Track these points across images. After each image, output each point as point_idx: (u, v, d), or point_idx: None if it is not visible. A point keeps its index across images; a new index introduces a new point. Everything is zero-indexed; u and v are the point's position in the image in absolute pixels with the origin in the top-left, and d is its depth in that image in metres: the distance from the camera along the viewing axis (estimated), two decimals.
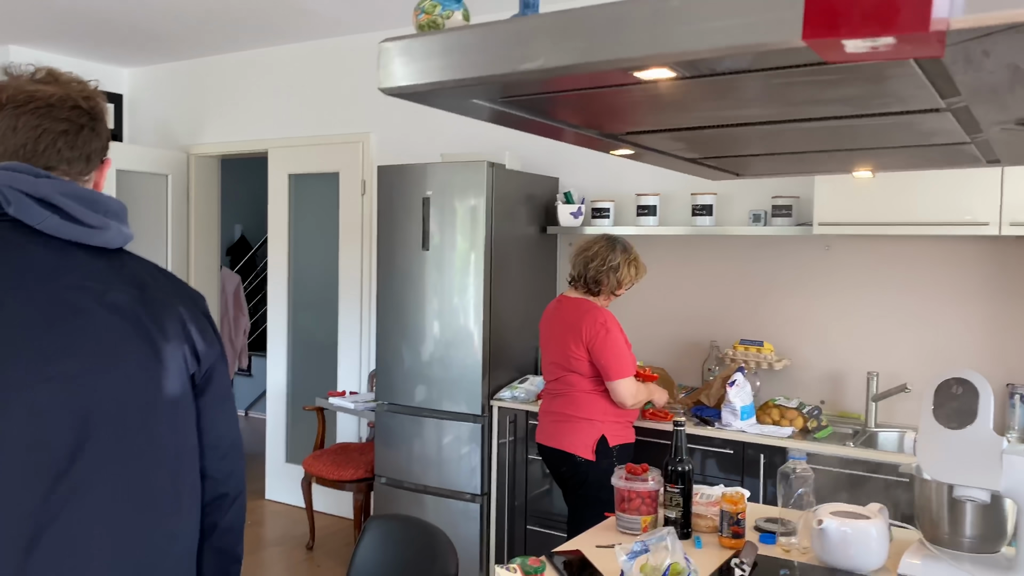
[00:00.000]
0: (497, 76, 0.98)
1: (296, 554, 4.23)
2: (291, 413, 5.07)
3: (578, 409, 2.95)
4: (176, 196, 5.36)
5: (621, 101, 1.16)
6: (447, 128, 4.43)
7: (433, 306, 3.75)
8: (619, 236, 3.05)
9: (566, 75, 0.97)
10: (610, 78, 0.99)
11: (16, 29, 4.71)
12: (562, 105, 1.19)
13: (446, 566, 1.88)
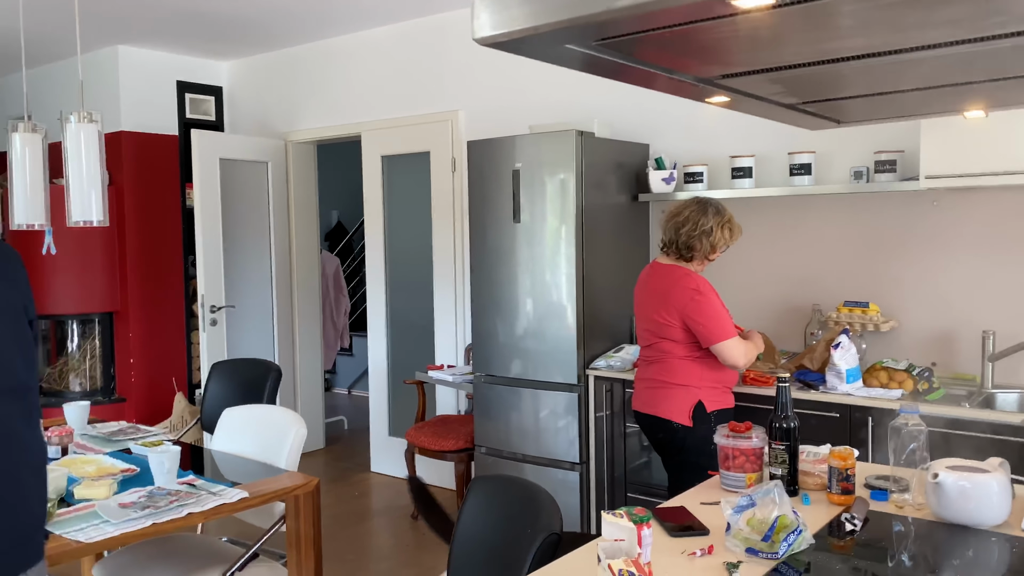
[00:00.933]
0: (591, 15, 0.99)
1: (401, 523, 4.36)
2: (392, 388, 5.21)
3: (673, 375, 2.91)
4: (276, 182, 5.56)
5: (717, 38, 1.14)
6: (534, 100, 4.43)
7: (526, 278, 3.77)
8: (711, 198, 2.98)
9: (661, 8, 0.96)
10: (706, 9, 0.98)
11: (124, 30, 4.97)
12: (656, 46, 1.18)
13: (551, 522, 1.90)
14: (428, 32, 4.84)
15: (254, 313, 5.55)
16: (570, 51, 1.19)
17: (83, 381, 5.42)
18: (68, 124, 2.56)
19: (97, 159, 2.53)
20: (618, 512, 1.44)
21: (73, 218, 2.52)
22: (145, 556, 2.65)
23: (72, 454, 2.82)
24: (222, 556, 2.65)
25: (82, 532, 2.10)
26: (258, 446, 2.87)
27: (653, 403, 2.95)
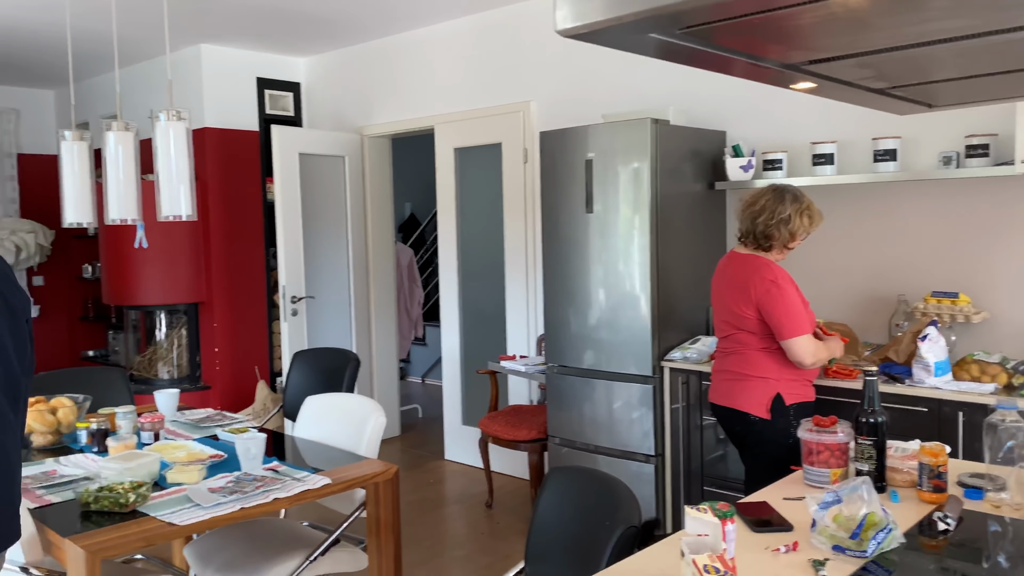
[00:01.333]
0: (678, 3, 0.97)
1: (476, 511, 4.41)
2: (465, 378, 5.27)
3: (751, 367, 2.85)
4: (353, 176, 5.67)
5: (805, 22, 1.11)
6: (607, 89, 4.39)
7: (598, 268, 3.75)
8: (788, 185, 2.90)
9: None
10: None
11: (206, 29, 5.13)
12: (742, 32, 1.15)
13: (630, 515, 1.89)
14: (500, 24, 4.85)
15: (332, 303, 5.68)
16: (653, 40, 1.17)
17: (171, 369, 5.65)
18: (158, 122, 2.66)
19: (185, 155, 2.62)
20: (702, 507, 1.42)
21: (163, 213, 2.62)
22: (232, 539, 2.75)
23: (163, 440, 2.94)
24: (304, 540, 2.73)
25: (175, 515, 2.19)
26: (339, 433, 2.94)
27: (730, 395, 2.90)
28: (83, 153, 3.01)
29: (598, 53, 4.41)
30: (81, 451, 2.85)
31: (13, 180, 6.78)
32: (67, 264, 7.11)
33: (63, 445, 2.93)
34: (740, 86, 3.91)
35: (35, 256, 6.50)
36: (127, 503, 2.21)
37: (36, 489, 2.42)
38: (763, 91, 3.83)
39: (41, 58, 5.74)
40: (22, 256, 6.40)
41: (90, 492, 2.24)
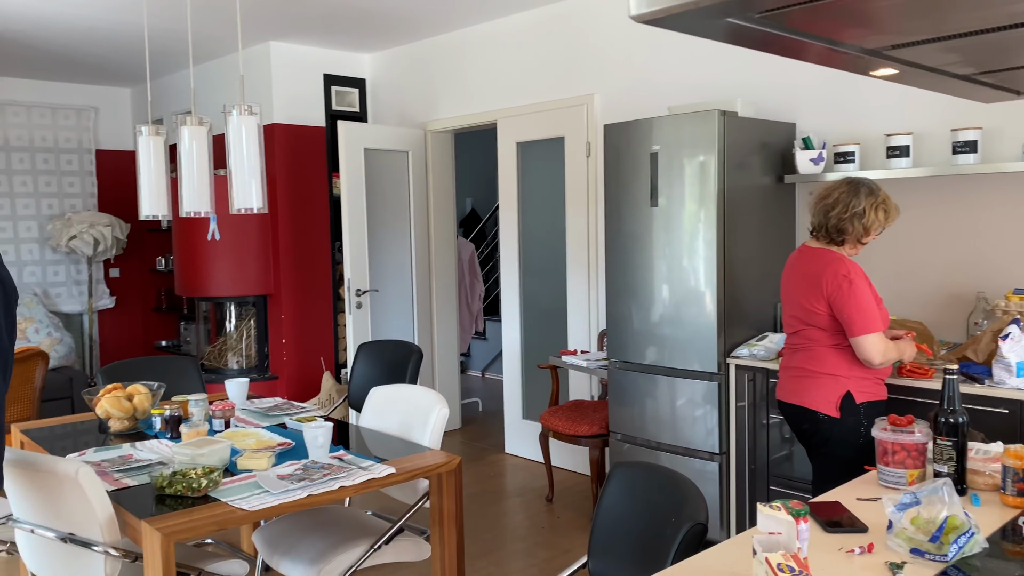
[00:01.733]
0: None
1: (536, 505, 4.41)
2: (525, 372, 5.27)
3: (820, 364, 2.78)
4: (416, 171, 5.72)
5: (891, 4, 1.07)
6: (672, 81, 4.33)
7: (663, 263, 3.71)
8: (863, 178, 2.81)
9: None
10: None
11: (276, 26, 5.23)
12: (823, 16, 1.12)
13: (696, 512, 1.86)
14: (564, 16, 4.83)
15: (395, 297, 5.74)
16: (728, 24, 1.14)
17: (239, 359, 5.79)
18: (230, 117, 2.72)
19: (257, 149, 2.68)
20: (775, 504, 1.39)
21: (235, 206, 2.68)
22: (299, 525, 2.80)
23: (234, 427, 3.02)
24: (368, 529, 2.77)
25: (245, 500, 2.24)
26: (403, 424, 2.97)
27: (798, 392, 2.84)
28: (159, 148, 3.11)
29: (663, 45, 4.35)
30: (155, 437, 2.94)
31: (92, 175, 7.05)
32: (141, 257, 7.35)
33: (138, 431, 3.03)
34: (810, 76, 3.81)
35: (112, 249, 6.74)
36: (199, 488, 2.27)
37: (113, 472, 2.51)
38: (834, 81, 3.73)
39: (118, 57, 5.94)
40: (100, 248, 6.64)
41: (164, 476, 2.31)
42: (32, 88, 6.75)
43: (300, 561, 2.57)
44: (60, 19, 4.89)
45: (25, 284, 6.71)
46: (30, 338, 6.02)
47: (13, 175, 6.66)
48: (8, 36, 5.26)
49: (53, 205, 6.86)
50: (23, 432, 3.05)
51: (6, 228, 6.63)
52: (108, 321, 7.24)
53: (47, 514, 2.26)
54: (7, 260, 6.64)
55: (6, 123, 6.61)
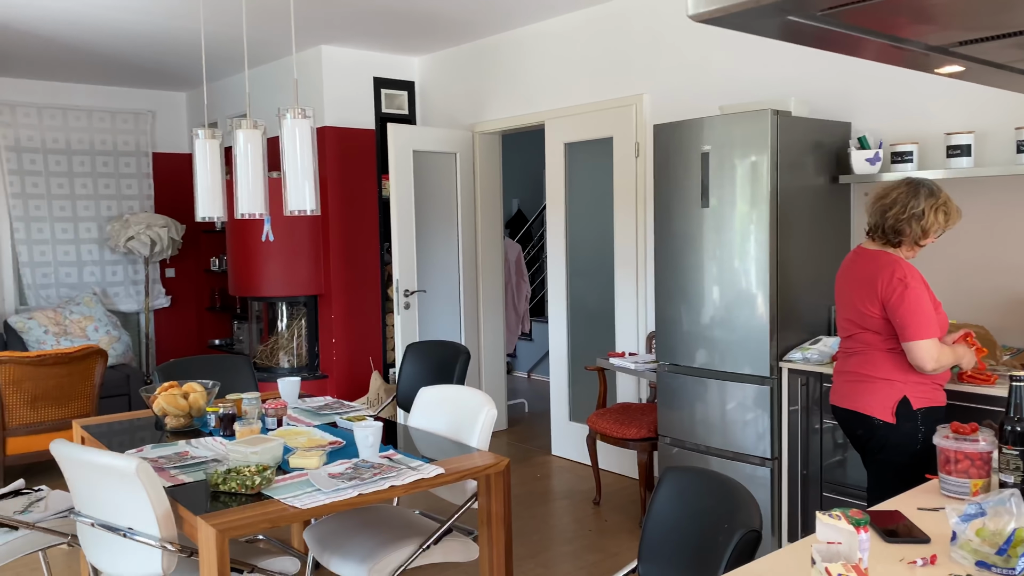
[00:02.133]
0: None
1: (583, 508, 4.39)
2: (572, 374, 5.25)
3: (875, 368, 2.71)
4: (464, 172, 5.75)
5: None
6: (723, 80, 4.28)
7: (713, 264, 3.66)
8: (924, 179, 2.73)
9: None
10: None
11: (327, 31, 5.30)
12: (889, 12, 1.09)
13: (749, 518, 1.83)
14: (613, 17, 4.80)
15: (442, 297, 5.77)
16: (790, 23, 1.12)
17: (291, 358, 5.88)
18: (284, 120, 2.76)
19: (310, 152, 2.71)
20: (835, 513, 1.36)
21: (290, 207, 2.72)
22: (349, 524, 2.83)
23: (286, 425, 3.06)
24: (417, 528, 2.78)
25: (297, 499, 2.27)
26: (450, 424, 2.98)
27: (853, 397, 2.77)
28: (215, 151, 3.17)
29: (714, 44, 4.30)
30: (210, 434, 3.00)
31: (148, 178, 7.23)
32: (196, 257, 7.52)
33: (194, 428, 3.10)
34: (866, 74, 3.72)
35: (168, 249, 6.91)
36: (253, 485, 2.31)
37: (170, 469, 2.57)
38: (892, 78, 3.64)
39: (175, 62, 6.09)
40: (156, 249, 6.81)
41: (219, 474, 2.36)
42: (93, 93, 6.96)
43: (350, 559, 2.59)
44: (119, 25, 5.02)
45: (85, 284, 6.91)
46: (89, 336, 6.20)
47: (75, 178, 6.86)
48: (69, 43, 5.43)
49: (112, 207, 7.05)
50: (83, 428, 3.14)
51: (67, 229, 6.83)
52: (163, 320, 7.41)
53: (107, 508, 2.32)
54: (67, 260, 6.85)
55: (68, 127, 6.81)
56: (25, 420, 4.75)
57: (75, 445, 2.34)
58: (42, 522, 2.81)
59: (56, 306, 6.31)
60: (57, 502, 3.00)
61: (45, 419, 4.80)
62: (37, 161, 6.68)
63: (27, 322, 6.02)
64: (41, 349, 5.89)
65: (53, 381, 4.76)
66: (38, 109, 6.67)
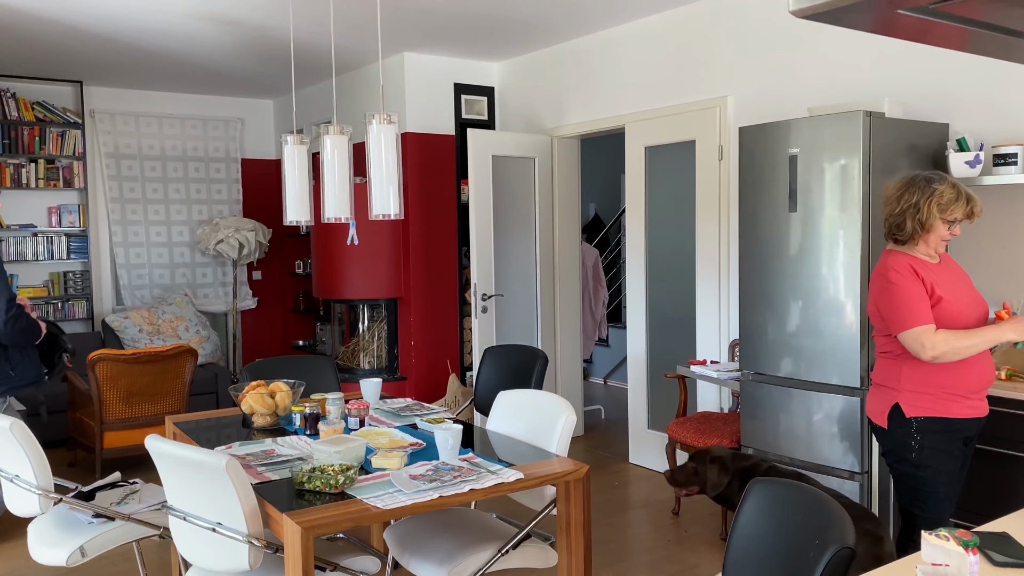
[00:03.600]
0: None
1: (662, 517, 4.31)
2: (651, 381, 5.17)
3: (877, 372, 2.76)
4: (542, 177, 5.74)
5: None
6: (810, 82, 4.15)
7: (801, 271, 3.55)
8: (926, 172, 2.67)
9: None
10: None
11: (410, 38, 5.38)
12: (1009, 3, 1.02)
13: (843, 535, 1.76)
14: (694, 18, 4.72)
15: (520, 302, 5.78)
16: (900, 17, 1.07)
17: (371, 360, 5.98)
18: (370, 126, 2.80)
19: (395, 158, 2.75)
20: (942, 534, 1.29)
21: (375, 211, 2.76)
22: (429, 525, 2.85)
23: (368, 426, 3.11)
24: (495, 532, 2.78)
25: (379, 499, 2.29)
26: (529, 429, 2.97)
27: (868, 401, 2.82)
28: (303, 157, 3.25)
29: (802, 43, 4.18)
30: (295, 433, 3.07)
31: (237, 183, 7.47)
32: (282, 260, 7.74)
33: (279, 426, 3.17)
34: (966, 72, 3.56)
35: (255, 252, 7.13)
36: (336, 484, 2.35)
37: (257, 466, 2.63)
38: (993, 77, 3.47)
39: (264, 71, 6.28)
40: (244, 252, 7.03)
41: (304, 472, 2.40)
42: (185, 102, 7.24)
43: (430, 561, 2.61)
44: (211, 37, 5.21)
45: (176, 285, 7.19)
46: (180, 335, 6.45)
47: (168, 183, 7.15)
48: (164, 53, 5.66)
49: (202, 211, 7.32)
50: (175, 424, 3.26)
51: (161, 232, 7.12)
52: (250, 321, 7.65)
53: (197, 503, 2.40)
54: (160, 262, 7.14)
55: (163, 135, 7.11)
56: (121, 415, 4.96)
57: (168, 441, 2.42)
58: (136, 514, 2.92)
59: (150, 306, 6.58)
60: (150, 495, 3.12)
61: (139, 415, 5.01)
62: (134, 167, 6.99)
63: (123, 321, 6.30)
64: (136, 347, 6.15)
65: (147, 378, 4.96)
66: (135, 117, 6.98)
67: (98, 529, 2.87)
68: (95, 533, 2.85)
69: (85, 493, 3.01)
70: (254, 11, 4.65)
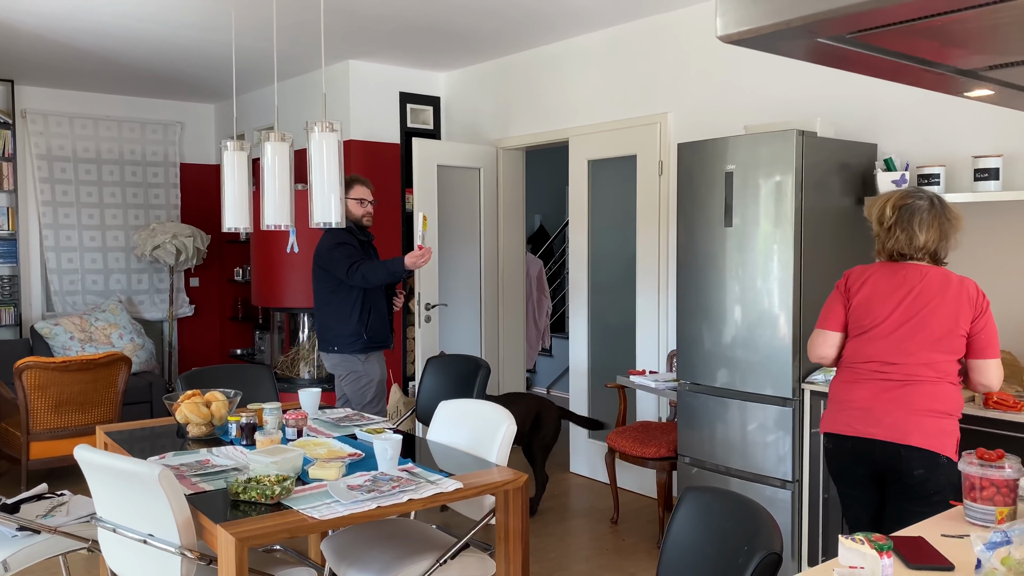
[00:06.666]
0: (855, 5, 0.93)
1: (601, 527, 4.36)
2: (592, 391, 5.23)
3: (940, 402, 2.52)
4: (487, 187, 5.77)
5: (993, 23, 1.03)
6: (748, 100, 4.27)
7: (735, 284, 3.64)
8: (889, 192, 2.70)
9: None
10: None
11: (355, 45, 5.36)
12: (919, 36, 1.09)
13: (770, 542, 1.81)
14: (638, 36, 4.82)
15: (463, 312, 5.78)
16: (820, 45, 1.12)
17: (311, 369, 5.91)
18: (312, 133, 2.79)
19: (337, 166, 2.74)
20: (857, 537, 1.34)
21: (315, 219, 2.75)
22: (366, 536, 2.83)
23: (306, 436, 3.08)
24: (433, 542, 2.78)
25: (316, 509, 2.28)
26: (470, 439, 2.98)
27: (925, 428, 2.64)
28: (243, 163, 3.21)
29: (740, 64, 4.30)
30: (231, 443, 3.02)
31: (176, 188, 7.33)
32: (220, 267, 7.60)
33: (215, 436, 3.12)
34: (893, 96, 3.71)
35: (193, 259, 6.99)
36: (273, 495, 2.32)
37: (191, 476, 2.59)
38: (919, 101, 3.62)
39: (205, 75, 6.18)
40: (181, 258, 6.89)
41: (240, 483, 2.37)
42: (123, 104, 7.07)
43: (368, 571, 2.60)
44: (151, 38, 5.11)
45: (111, 291, 7.00)
46: (114, 343, 6.28)
47: (103, 187, 6.97)
48: (102, 54, 5.53)
49: (139, 216, 7.15)
50: (107, 434, 3.17)
51: (95, 237, 6.93)
52: (187, 329, 7.49)
53: (128, 514, 2.34)
54: (94, 268, 6.94)
55: (98, 137, 6.93)
56: (49, 425, 4.80)
57: (98, 451, 2.36)
58: (64, 526, 2.84)
59: (82, 313, 6.40)
60: (79, 507, 3.03)
61: (69, 424, 4.86)
62: (67, 170, 6.80)
63: (53, 328, 6.11)
64: (66, 355, 5.97)
65: (77, 387, 4.81)
66: (70, 119, 6.79)
67: (22, 543, 2.78)
68: (19, 547, 2.76)
69: (9, 506, 2.91)
70: (195, 14, 4.58)
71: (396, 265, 4.08)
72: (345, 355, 4.25)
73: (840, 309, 2.67)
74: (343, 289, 4.20)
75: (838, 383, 2.65)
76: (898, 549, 1.71)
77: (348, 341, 4.23)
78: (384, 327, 4.34)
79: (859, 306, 2.60)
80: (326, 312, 4.28)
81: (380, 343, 4.31)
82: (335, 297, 4.23)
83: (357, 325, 4.21)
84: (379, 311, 4.30)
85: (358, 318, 4.21)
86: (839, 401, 2.62)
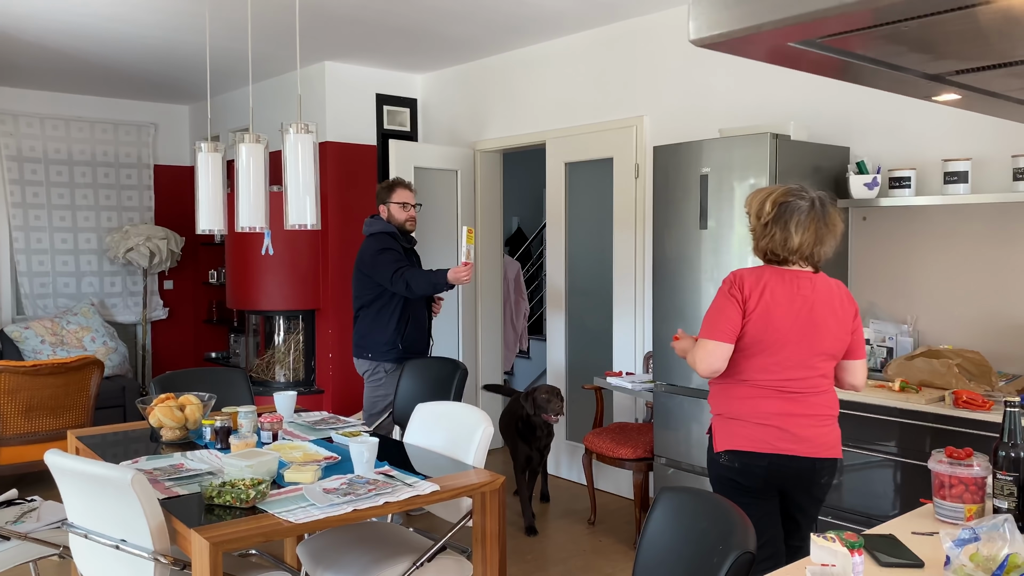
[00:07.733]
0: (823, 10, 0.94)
1: (578, 528, 4.37)
2: (569, 393, 5.25)
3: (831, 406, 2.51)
4: (464, 189, 5.77)
5: (958, 29, 1.05)
6: (723, 104, 4.31)
7: (711, 285, 3.67)
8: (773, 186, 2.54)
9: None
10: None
11: (331, 47, 5.34)
12: (887, 41, 1.10)
13: (744, 540, 1.83)
14: (614, 39, 4.84)
15: (441, 314, 5.77)
16: (791, 49, 1.14)
17: (287, 372, 5.88)
18: (287, 135, 2.78)
19: (312, 168, 2.73)
20: (829, 536, 1.36)
21: (291, 221, 2.73)
22: (343, 540, 2.82)
23: (281, 440, 3.06)
24: (411, 545, 2.77)
25: (291, 513, 2.26)
26: (447, 441, 2.98)
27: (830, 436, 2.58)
28: (216, 164, 3.19)
29: (716, 67, 4.34)
30: (205, 447, 3.00)
31: (150, 189, 7.25)
32: (195, 269, 7.52)
33: (189, 440, 3.09)
34: (866, 100, 3.76)
35: (167, 261, 6.91)
36: (247, 499, 2.31)
37: (165, 481, 2.56)
38: (891, 105, 3.67)
39: (179, 76, 6.12)
40: (155, 261, 6.81)
41: (214, 487, 2.35)
42: (96, 105, 6.99)
43: (344, 575, 2.58)
44: (124, 38, 5.06)
45: (83, 294, 6.91)
46: (86, 347, 6.19)
47: (76, 188, 6.88)
48: (74, 54, 5.46)
49: (112, 218, 7.06)
50: (78, 438, 3.13)
51: (67, 239, 6.84)
52: (161, 332, 7.41)
53: (101, 520, 2.32)
54: (66, 270, 6.85)
55: (70, 138, 6.84)
56: (19, 430, 4.73)
57: (69, 455, 2.33)
58: (34, 533, 2.80)
59: (53, 316, 6.31)
60: (50, 513, 2.99)
61: (39, 429, 4.79)
62: (38, 171, 6.70)
63: (23, 332, 6.01)
64: (37, 359, 5.88)
65: (48, 391, 4.75)
66: (40, 119, 6.70)
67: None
68: None
69: None
70: (169, 14, 4.54)
71: (439, 278, 3.95)
72: (377, 363, 4.19)
73: (737, 318, 2.40)
74: (384, 296, 4.11)
75: (738, 399, 2.46)
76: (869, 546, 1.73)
77: (383, 350, 4.16)
78: (422, 337, 4.26)
79: (759, 318, 2.38)
80: (364, 319, 4.19)
81: (416, 353, 4.22)
82: (375, 304, 4.14)
83: (393, 334, 4.13)
84: (418, 320, 4.21)
85: (395, 327, 4.13)
86: (744, 418, 2.44)
